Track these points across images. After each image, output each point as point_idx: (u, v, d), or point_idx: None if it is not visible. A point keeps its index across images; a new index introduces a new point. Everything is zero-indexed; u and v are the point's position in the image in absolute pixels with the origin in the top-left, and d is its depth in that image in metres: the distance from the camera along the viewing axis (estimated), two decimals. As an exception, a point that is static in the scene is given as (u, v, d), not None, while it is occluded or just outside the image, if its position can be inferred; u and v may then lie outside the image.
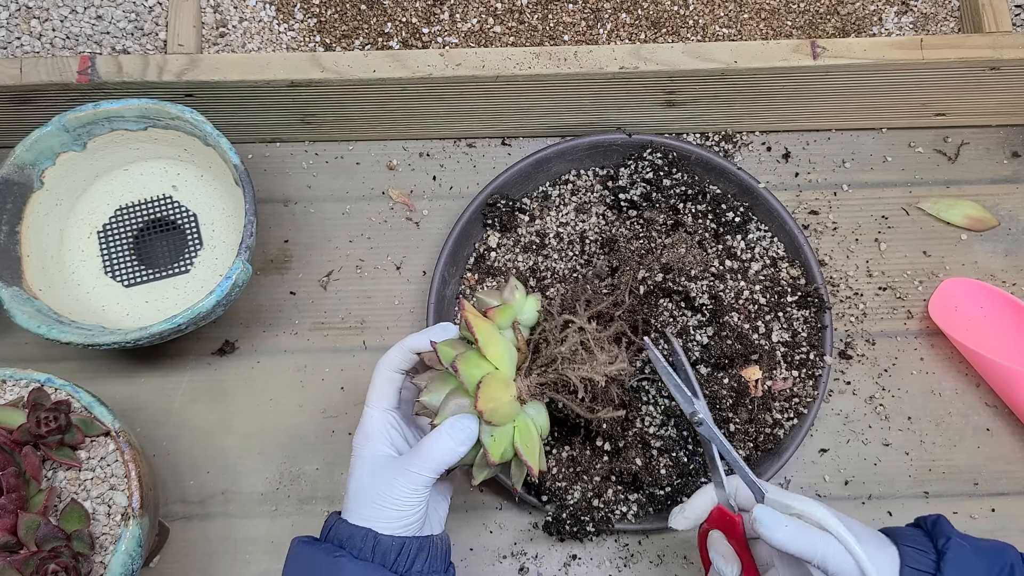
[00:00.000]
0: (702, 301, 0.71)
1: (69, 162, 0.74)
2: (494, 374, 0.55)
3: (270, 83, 0.73)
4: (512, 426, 0.57)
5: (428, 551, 0.55)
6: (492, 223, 0.77)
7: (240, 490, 0.73)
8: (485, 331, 0.56)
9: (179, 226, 0.77)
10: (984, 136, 0.83)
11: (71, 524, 0.58)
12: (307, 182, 0.82)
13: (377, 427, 0.58)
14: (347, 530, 0.54)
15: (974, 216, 0.81)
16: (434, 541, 0.56)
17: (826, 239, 0.80)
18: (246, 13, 0.80)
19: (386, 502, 0.54)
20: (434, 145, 0.83)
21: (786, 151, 0.83)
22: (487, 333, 0.56)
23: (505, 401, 0.56)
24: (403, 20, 0.81)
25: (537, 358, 0.59)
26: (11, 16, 0.78)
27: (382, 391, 0.59)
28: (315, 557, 0.54)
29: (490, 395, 0.54)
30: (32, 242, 0.73)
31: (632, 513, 0.70)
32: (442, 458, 0.54)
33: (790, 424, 0.72)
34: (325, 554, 0.53)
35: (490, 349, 0.56)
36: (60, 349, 0.70)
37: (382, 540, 0.53)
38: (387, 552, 0.53)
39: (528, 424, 0.58)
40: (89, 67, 0.72)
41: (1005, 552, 0.53)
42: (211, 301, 0.67)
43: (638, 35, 0.81)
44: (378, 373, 0.59)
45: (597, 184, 0.79)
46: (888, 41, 0.74)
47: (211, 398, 0.75)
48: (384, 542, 0.53)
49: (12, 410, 0.60)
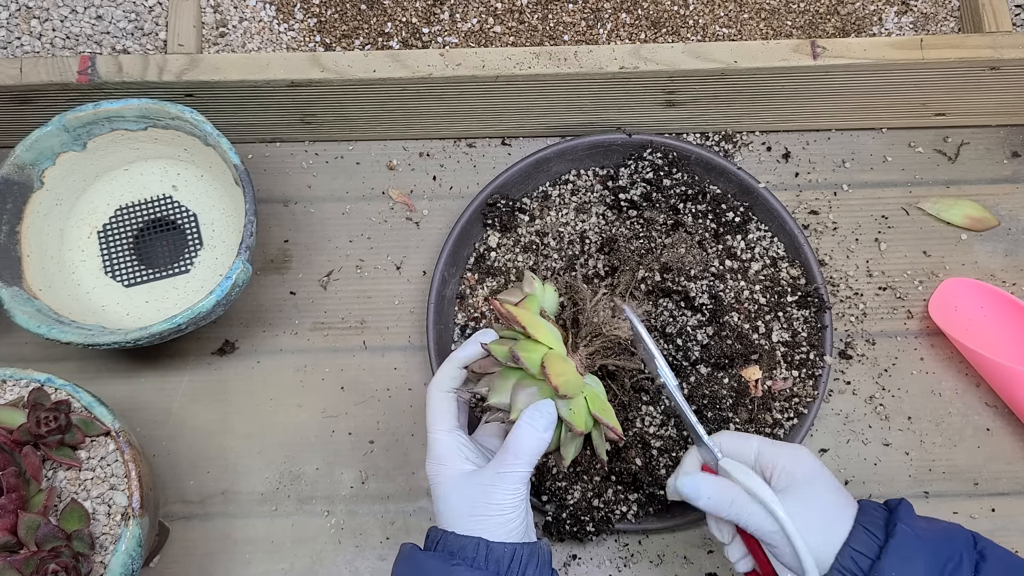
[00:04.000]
0: (702, 301, 0.71)
1: (69, 162, 0.74)
2: (552, 352, 0.56)
3: (270, 83, 0.73)
4: (583, 396, 0.57)
5: (538, 557, 0.54)
6: (492, 223, 0.77)
7: (240, 490, 0.73)
8: (529, 317, 0.57)
9: (179, 226, 0.77)
10: (984, 136, 0.83)
11: (71, 524, 0.58)
12: (307, 182, 0.82)
13: (449, 449, 0.57)
14: (457, 541, 0.53)
15: (974, 216, 0.81)
16: (541, 547, 0.55)
17: (826, 239, 0.80)
18: (246, 13, 0.80)
19: (488, 510, 0.53)
20: (434, 145, 0.83)
21: (786, 151, 0.83)
22: (531, 319, 0.57)
23: (572, 373, 0.56)
24: (403, 20, 0.81)
25: (578, 333, 0.60)
26: (11, 16, 0.78)
27: (442, 413, 0.58)
28: (429, 564, 0.53)
29: (558, 370, 0.55)
30: (32, 242, 0.73)
31: (632, 513, 0.70)
32: (532, 448, 0.54)
33: (790, 424, 0.72)
34: (440, 562, 0.52)
35: (539, 332, 0.57)
36: (60, 349, 0.70)
37: (494, 548, 0.52)
38: (500, 559, 0.52)
39: (595, 392, 0.59)
40: (89, 67, 0.72)
41: (954, 538, 0.52)
42: (211, 301, 0.67)
43: (638, 35, 0.81)
44: (432, 396, 0.58)
45: (597, 184, 0.79)
46: (888, 41, 0.74)
47: (211, 398, 0.76)
48: (496, 549, 0.52)
49: (12, 410, 0.60)
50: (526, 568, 0.53)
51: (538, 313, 0.60)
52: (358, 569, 0.71)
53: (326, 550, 0.72)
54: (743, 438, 0.58)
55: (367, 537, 0.72)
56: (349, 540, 0.72)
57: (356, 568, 0.71)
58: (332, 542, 0.72)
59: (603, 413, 0.57)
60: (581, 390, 0.57)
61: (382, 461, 0.74)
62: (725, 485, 0.56)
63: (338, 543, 0.72)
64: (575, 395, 0.56)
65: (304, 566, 0.71)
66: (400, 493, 0.73)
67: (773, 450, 0.57)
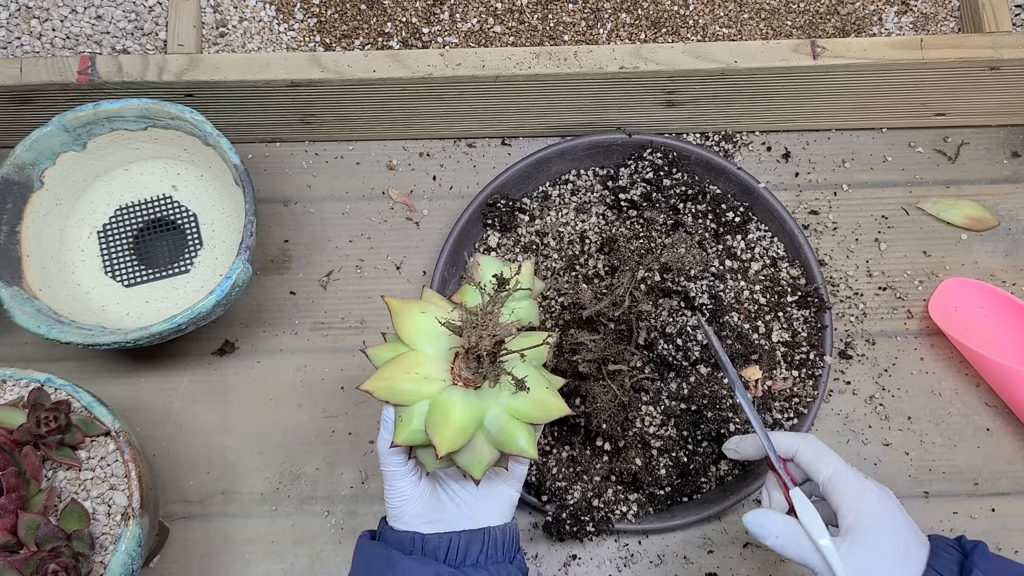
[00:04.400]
0: (702, 301, 0.71)
1: (69, 162, 0.74)
2: (404, 355, 0.53)
3: (270, 83, 0.73)
4: (426, 404, 0.52)
5: (483, 543, 0.55)
6: (492, 223, 0.77)
7: (240, 490, 0.73)
8: (399, 311, 0.54)
9: (179, 226, 0.77)
10: (984, 136, 0.83)
11: (71, 524, 0.58)
12: (307, 182, 0.82)
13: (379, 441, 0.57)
14: (394, 536, 0.55)
15: (974, 216, 0.81)
16: (492, 532, 0.55)
17: (826, 239, 0.80)
18: (246, 13, 0.80)
19: (386, 501, 0.56)
20: (434, 145, 0.83)
21: (786, 151, 0.83)
22: (401, 312, 0.54)
23: (405, 378, 0.52)
24: (403, 20, 0.81)
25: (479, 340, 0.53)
26: (11, 16, 0.78)
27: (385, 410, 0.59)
28: (372, 551, 0.55)
29: (383, 374, 0.52)
30: (32, 242, 0.73)
31: (632, 513, 0.70)
32: (383, 449, 0.55)
33: (790, 424, 0.72)
34: (381, 549, 0.54)
35: (404, 329, 0.54)
36: (60, 349, 0.70)
37: (429, 539, 0.54)
38: (436, 549, 0.54)
39: (450, 402, 0.52)
40: (89, 67, 0.72)
41: None
42: (211, 301, 0.67)
43: (638, 35, 0.81)
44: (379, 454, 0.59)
45: (597, 184, 0.79)
46: (888, 41, 0.74)
47: (211, 398, 0.75)
48: (432, 541, 0.54)
49: (12, 410, 0.60)
50: (465, 554, 0.54)
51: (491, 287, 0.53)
52: (358, 569, 0.71)
53: (326, 550, 0.72)
54: (821, 453, 0.56)
55: (367, 537, 0.72)
56: (349, 540, 0.72)
57: (356, 568, 0.71)
58: (332, 542, 0.72)
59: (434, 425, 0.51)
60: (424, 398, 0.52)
61: (382, 461, 0.74)
62: (794, 530, 0.54)
63: (338, 543, 0.72)
64: (410, 403, 0.52)
65: (304, 566, 0.71)
66: (400, 493, 0.73)
67: (842, 482, 0.54)
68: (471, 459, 0.53)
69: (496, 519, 0.57)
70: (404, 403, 0.52)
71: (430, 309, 0.55)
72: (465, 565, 0.54)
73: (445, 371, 0.53)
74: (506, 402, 0.53)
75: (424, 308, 0.55)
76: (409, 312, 0.54)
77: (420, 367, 0.53)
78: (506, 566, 0.55)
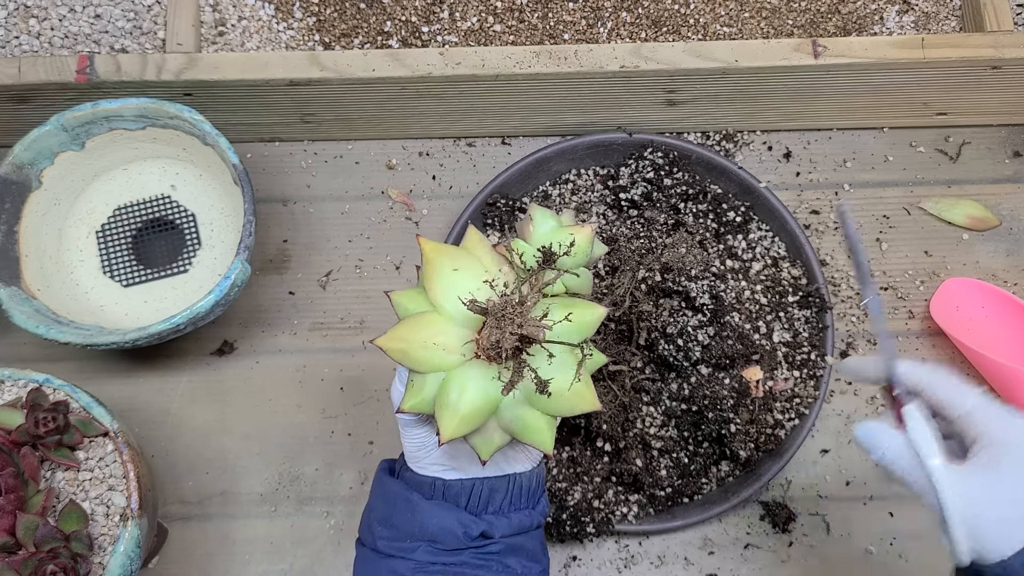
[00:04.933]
0: (703, 301, 0.71)
1: (67, 161, 0.74)
2: (425, 315, 0.47)
3: (269, 82, 0.73)
4: (441, 376, 0.47)
5: (507, 490, 0.53)
6: (492, 223, 0.77)
7: (239, 491, 0.73)
8: (432, 262, 0.48)
9: (178, 226, 0.77)
10: (985, 135, 0.83)
11: (70, 525, 0.58)
12: (306, 181, 0.82)
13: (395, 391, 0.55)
14: (414, 478, 0.53)
15: (975, 216, 0.80)
16: (516, 479, 0.54)
17: (827, 239, 0.80)
18: (245, 12, 0.80)
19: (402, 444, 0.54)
20: (434, 144, 0.83)
21: (787, 150, 0.83)
22: (434, 265, 0.48)
23: (419, 344, 0.47)
24: (402, 19, 0.81)
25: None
26: (9, 15, 0.78)
27: None
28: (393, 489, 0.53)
29: (397, 334, 0.46)
30: (30, 242, 0.73)
31: (632, 514, 0.70)
32: (395, 397, 0.53)
33: (791, 425, 0.72)
34: (402, 489, 0.53)
35: (432, 285, 0.47)
36: (58, 349, 0.69)
37: (451, 485, 0.52)
38: (458, 495, 0.52)
39: (466, 380, 0.47)
40: (87, 66, 0.72)
41: None
42: (210, 301, 0.66)
43: (639, 34, 0.81)
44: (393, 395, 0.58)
45: (597, 183, 0.79)
46: (889, 40, 0.74)
47: (210, 398, 0.75)
48: (453, 487, 0.52)
49: (11, 410, 0.60)
50: (488, 501, 0.53)
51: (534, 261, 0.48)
52: (357, 570, 0.71)
53: (325, 551, 0.72)
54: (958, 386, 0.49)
55: (366, 538, 0.72)
56: (348, 541, 0.72)
57: (355, 569, 0.71)
58: (331, 543, 0.72)
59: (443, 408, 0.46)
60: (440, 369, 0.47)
61: (382, 462, 0.74)
62: (905, 449, 0.48)
63: (337, 544, 0.72)
64: (424, 371, 0.47)
65: (303, 567, 0.71)
66: (400, 494, 0.73)
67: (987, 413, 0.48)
68: (480, 441, 0.48)
69: (522, 465, 0.54)
70: (418, 370, 0.47)
71: (465, 265, 0.48)
72: (487, 512, 0.52)
73: (469, 336, 0.48)
74: (528, 389, 0.47)
75: (459, 263, 0.48)
76: (441, 265, 0.48)
77: (441, 334, 0.47)
78: (528, 512, 0.54)
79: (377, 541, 0.52)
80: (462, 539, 0.51)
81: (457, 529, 0.51)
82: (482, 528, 0.51)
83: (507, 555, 0.52)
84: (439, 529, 0.51)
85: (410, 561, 0.51)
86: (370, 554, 0.53)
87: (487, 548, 0.52)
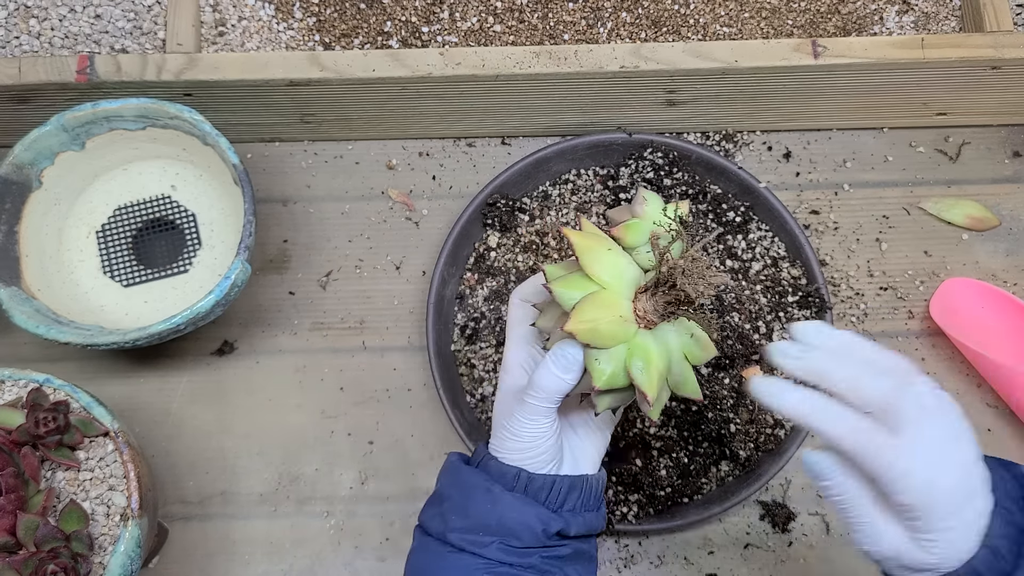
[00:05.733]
0: (702, 301, 0.71)
1: (68, 162, 0.74)
2: (598, 293, 0.50)
3: (269, 82, 0.73)
4: (625, 348, 0.50)
5: (581, 490, 0.53)
6: (492, 223, 0.77)
7: (239, 491, 0.73)
8: (586, 248, 0.51)
9: (178, 226, 0.77)
10: (985, 136, 0.83)
11: (70, 525, 0.58)
12: (306, 182, 0.82)
13: (513, 359, 0.55)
14: (498, 467, 0.52)
15: (975, 216, 0.80)
16: (588, 480, 0.54)
17: (827, 239, 0.80)
18: (245, 12, 0.80)
19: (508, 432, 0.52)
20: (434, 144, 0.83)
21: (787, 150, 0.83)
22: (589, 249, 0.51)
23: (607, 321, 0.49)
24: (402, 19, 0.81)
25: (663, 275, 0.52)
26: (10, 15, 0.78)
27: (516, 320, 0.56)
28: (472, 479, 0.53)
29: (584, 316, 0.49)
30: (31, 242, 0.73)
31: (632, 514, 0.70)
32: (549, 386, 0.51)
33: (791, 424, 0.72)
34: (482, 479, 0.52)
35: (594, 266, 0.50)
36: (59, 349, 0.69)
37: (535, 479, 0.52)
38: (540, 490, 0.52)
39: (647, 345, 0.50)
40: (88, 66, 0.72)
41: None
42: (210, 301, 0.67)
43: (638, 34, 0.81)
44: (512, 303, 0.56)
45: (597, 184, 0.79)
46: (889, 40, 0.74)
47: (210, 398, 0.75)
48: (537, 481, 0.52)
49: (11, 410, 0.60)
50: (565, 499, 0.52)
51: (644, 242, 0.52)
52: (357, 570, 0.71)
53: (325, 551, 0.72)
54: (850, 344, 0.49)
55: (366, 538, 0.72)
56: (348, 541, 0.72)
57: (355, 569, 0.71)
58: (331, 543, 0.72)
59: (640, 370, 0.50)
60: (623, 342, 0.50)
61: (381, 462, 0.74)
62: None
63: (337, 544, 0.72)
64: (608, 346, 0.50)
65: (303, 567, 0.71)
66: (400, 494, 0.73)
67: None
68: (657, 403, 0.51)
69: (592, 467, 0.56)
70: (605, 346, 0.50)
71: (610, 245, 0.52)
72: (563, 510, 0.52)
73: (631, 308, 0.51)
74: (681, 343, 0.52)
75: (610, 245, 0.52)
76: (597, 248, 0.51)
77: (618, 308, 0.50)
78: (596, 514, 0.54)
79: (449, 533, 0.51)
80: (540, 536, 0.51)
81: (536, 525, 0.51)
82: (559, 526, 0.51)
83: (571, 561, 0.53)
84: (518, 524, 0.51)
85: (481, 559, 0.50)
86: (437, 545, 0.52)
87: (556, 551, 0.52)
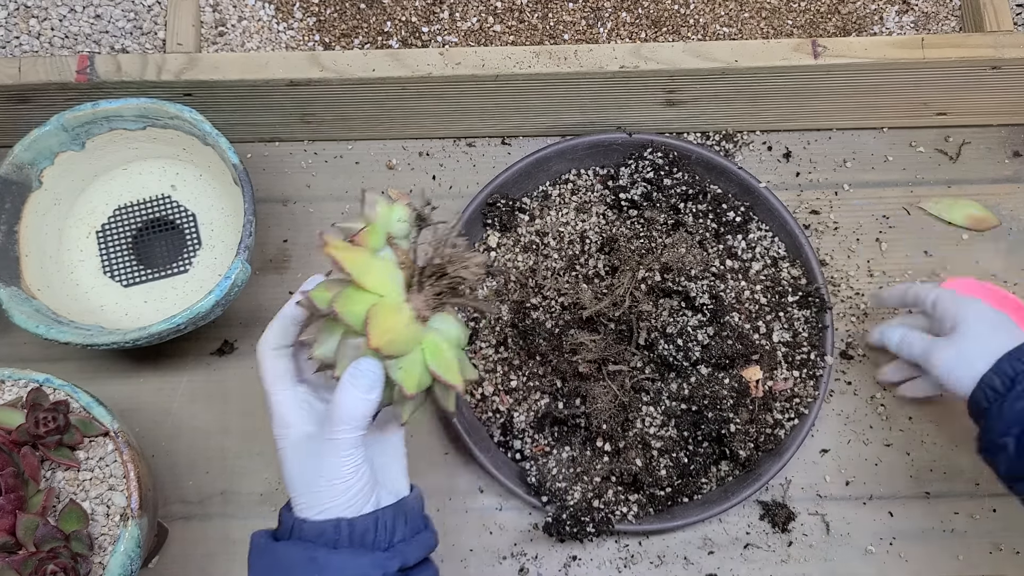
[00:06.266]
0: (702, 301, 0.71)
1: (68, 162, 0.74)
2: (380, 303, 0.48)
3: (269, 82, 0.73)
4: (420, 349, 0.49)
5: (406, 516, 0.51)
6: (492, 223, 0.77)
7: (239, 490, 0.73)
8: (355, 260, 0.49)
9: (178, 226, 0.77)
10: (985, 135, 0.83)
11: (70, 525, 0.58)
12: (306, 181, 0.82)
13: (290, 409, 0.51)
14: (313, 528, 0.48)
15: (975, 216, 0.80)
16: (407, 502, 0.52)
17: (827, 239, 0.80)
18: (245, 12, 0.80)
19: (322, 482, 0.49)
20: (434, 144, 0.83)
21: (787, 150, 0.83)
22: (359, 262, 0.49)
23: (401, 328, 0.48)
24: (402, 19, 0.81)
25: (424, 269, 0.51)
26: (10, 15, 0.78)
27: (277, 372, 0.51)
28: (289, 553, 0.48)
29: (382, 327, 0.47)
30: (31, 242, 0.73)
31: (632, 514, 0.70)
32: (355, 411, 0.48)
33: (791, 424, 0.72)
34: (301, 550, 0.48)
35: (367, 278, 0.48)
36: (59, 349, 0.69)
37: (356, 523, 0.48)
38: (365, 533, 0.48)
39: (437, 342, 0.50)
40: (88, 66, 0.72)
41: None
42: (210, 301, 0.67)
43: (638, 34, 0.81)
44: (262, 356, 0.52)
45: (597, 184, 0.79)
46: (889, 40, 0.74)
47: (210, 398, 0.75)
48: (359, 525, 0.48)
49: (11, 410, 0.60)
50: (393, 531, 0.49)
51: (383, 244, 0.51)
52: (357, 570, 0.71)
53: (325, 551, 0.72)
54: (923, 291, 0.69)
55: (367, 538, 0.72)
56: (348, 541, 0.72)
57: (355, 569, 0.71)
58: (331, 543, 0.72)
59: (441, 368, 0.49)
60: (418, 343, 0.49)
61: (382, 461, 0.74)
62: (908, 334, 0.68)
63: (337, 544, 0.72)
64: (406, 352, 0.49)
65: (303, 567, 0.71)
66: (400, 493, 0.73)
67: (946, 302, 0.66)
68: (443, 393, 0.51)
69: (406, 487, 0.53)
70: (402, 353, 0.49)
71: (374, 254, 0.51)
72: (396, 544, 0.49)
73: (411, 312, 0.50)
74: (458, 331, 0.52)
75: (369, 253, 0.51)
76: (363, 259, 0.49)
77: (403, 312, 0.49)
78: (426, 533, 0.52)
79: None
80: None
81: (376, 573, 0.47)
82: (399, 562, 0.48)
83: None
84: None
85: None
86: None
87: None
